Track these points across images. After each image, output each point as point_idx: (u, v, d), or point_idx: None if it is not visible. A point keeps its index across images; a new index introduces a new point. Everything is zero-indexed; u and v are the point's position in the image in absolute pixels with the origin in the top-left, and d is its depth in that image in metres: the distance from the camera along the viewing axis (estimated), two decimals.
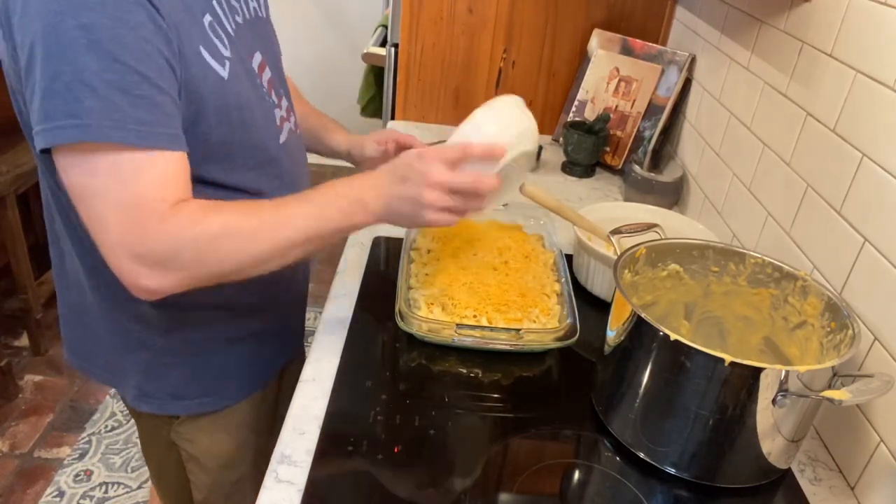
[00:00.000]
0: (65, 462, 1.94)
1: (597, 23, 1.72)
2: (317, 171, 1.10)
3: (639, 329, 0.80)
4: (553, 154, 1.70)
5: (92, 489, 1.87)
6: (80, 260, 0.89)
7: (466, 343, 0.96)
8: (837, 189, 0.92)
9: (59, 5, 0.65)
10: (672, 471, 0.81)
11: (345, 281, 1.13)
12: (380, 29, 2.39)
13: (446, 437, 0.84)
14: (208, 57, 0.77)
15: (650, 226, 1.03)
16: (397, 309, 0.96)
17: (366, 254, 1.21)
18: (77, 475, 1.91)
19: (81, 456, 1.96)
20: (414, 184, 0.81)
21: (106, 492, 1.86)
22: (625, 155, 1.62)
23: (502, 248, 1.14)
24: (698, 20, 1.52)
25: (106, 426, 2.07)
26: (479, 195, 0.83)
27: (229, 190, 0.86)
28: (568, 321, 0.98)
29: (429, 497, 0.77)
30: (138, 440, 1.99)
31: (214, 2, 0.81)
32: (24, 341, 2.34)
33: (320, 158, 1.22)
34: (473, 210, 0.85)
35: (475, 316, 0.98)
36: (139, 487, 1.88)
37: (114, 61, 0.67)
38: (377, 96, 2.40)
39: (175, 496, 1.18)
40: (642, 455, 0.82)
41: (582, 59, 1.75)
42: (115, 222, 0.71)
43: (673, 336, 0.75)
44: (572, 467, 0.84)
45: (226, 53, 0.80)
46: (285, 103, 0.97)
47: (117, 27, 0.67)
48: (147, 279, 0.74)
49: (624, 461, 0.83)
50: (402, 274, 1.04)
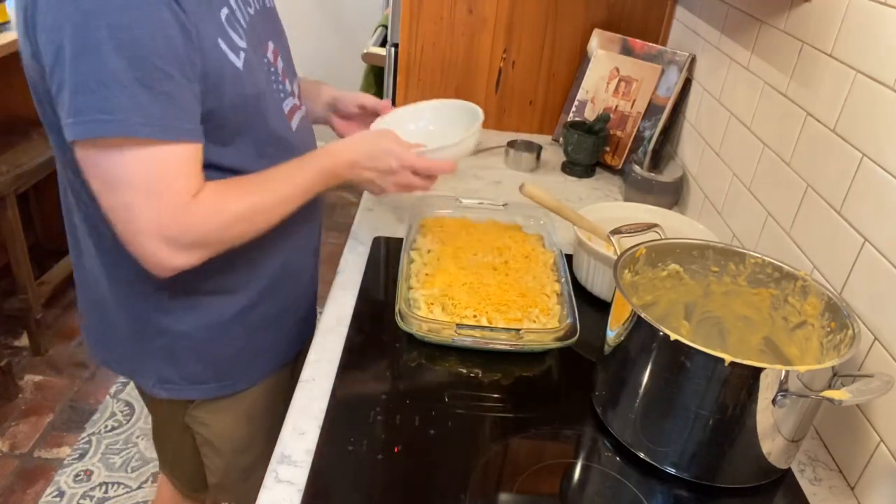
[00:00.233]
0: (65, 462, 1.94)
1: (597, 23, 1.72)
2: None
3: (639, 329, 0.80)
4: (553, 154, 1.70)
5: (92, 489, 1.87)
6: (98, 255, 0.92)
7: (466, 343, 0.96)
8: (837, 189, 0.92)
9: (88, 6, 0.69)
10: (672, 471, 0.81)
11: (345, 281, 1.13)
12: (380, 29, 2.40)
13: (446, 437, 0.84)
14: (226, 48, 0.81)
15: (650, 226, 1.03)
16: (397, 309, 0.96)
17: (366, 254, 1.21)
18: (77, 475, 1.91)
19: (81, 456, 1.96)
20: (391, 160, 0.99)
21: (106, 492, 1.86)
22: (625, 155, 1.62)
23: (502, 248, 1.14)
24: (698, 20, 1.52)
25: (106, 426, 2.07)
26: (434, 178, 1.06)
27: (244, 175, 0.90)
28: (568, 321, 0.98)
29: (429, 497, 0.77)
30: (138, 440, 2.01)
31: None
32: (24, 341, 2.34)
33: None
34: (423, 189, 1.06)
35: (475, 316, 0.98)
36: (139, 487, 1.88)
37: (141, 59, 0.71)
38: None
39: (189, 482, 1.21)
40: (642, 455, 0.82)
41: (582, 59, 1.75)
42: (145, 210, 0.77)
43: (673, 336, 0.75)
44: (572, 467, 0.84)
45: (241, 45, 0.84)
46: (296, 89, 1.02)
47: (144, 27, 0.71)
48: (174, 259, 0.80)
49: (624, 461, 0.83)
50: (402, 274, 1.04)
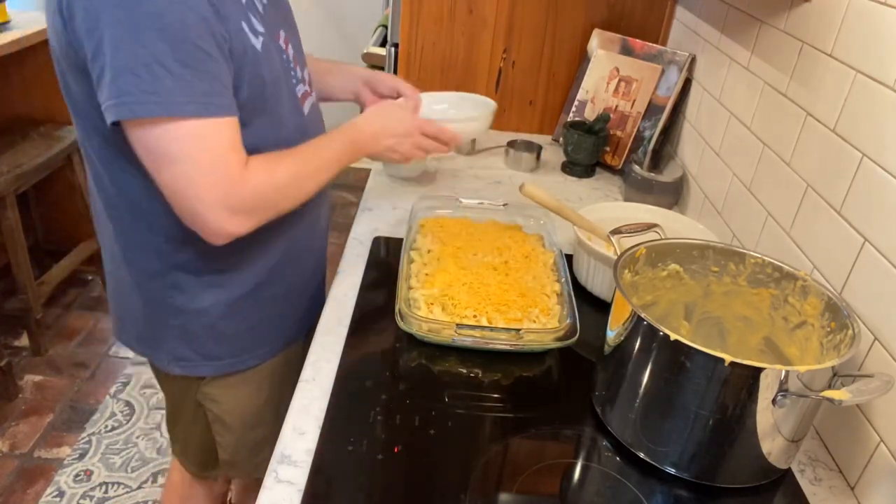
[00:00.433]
0: (65, 462, 1.94)
1: (597, 23, 1.72)
2: None
3: (639, 329, 0.80)
4: (553, 154, 1.70)
5: (92, 489, 1.87)
6: (116, 239, 0.98)
7: (466, 343, 0.96)
8: (837, 189, 0.92)
9: None
10: (672, 471, 0.81)
11: (345, 281, 1.13)
12: (380, 29, 2.40)
13: (446, 437, 0.84)
14: (248, 31, 0.86)
15: (650, 226, 1.03)
16: (397, 309, 0.96)
17: (366, 254, 1.21)
18: (77, 475, 1.91)
19: (81, 456, 1.96)
20: (404, 123, 1.11)
21: (106, 492, 1.86)
22: (625, 155, 1.62)
23: (502, 248, 1.14)
24: (698, 20, 1.52)
25: (106, 426, 2.07)
26: (446, 144, 1.16)
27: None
28: (568, 321, 0.98)
29: (429, 497, 0.77)
30: (138, 440, 2.01)
31: None
32: (24, 341, 2.34)
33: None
34: (438, 151, 1.16)
35: (475, 316, 0.98)
36: (139, 487, 1.88)
37: (182, 42, 0.76)
38: None
39: (200, 461, 1.23)
40: (642, 455, 0.82)
41: (582, 59, 1.75)
42: (203, 185, 0.82)
43: (673, 336, 0.75)
44: (572, 467, 0.84)
45: (260, 29, 0.89)
46: (306, 75, 1.06)
47: (181, 11, 0.76)
48: (233, 227, 0.86)
49: (624, 461, 0.83)
50: (402, 274, 1.04)
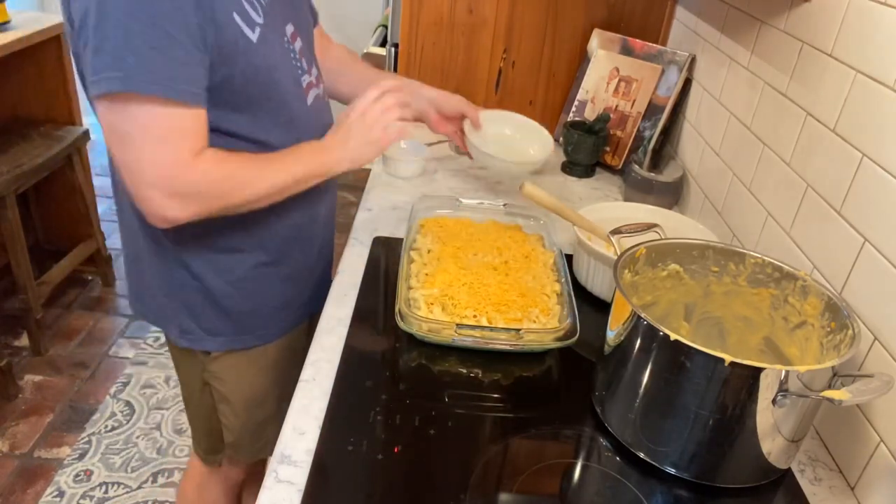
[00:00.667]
0: (65, 462, 1.94)
1: (597, 23, 1.72)
2: None
3: (639, 329, 0.80)
4: (553, 154, 1.70)
5: (92, 489, 1.87)
6: (133, 212, 1.01)
7: (466, 343, 0.96)
8: (837, 189, 0.92)
9: None
10: (672, 471, 0.81)
11: (345, 281, 1.13)
12: (380, 29, 2.40)
13: (446, 437, 0.84)
14: (241, 22, 0.88)
15: (650, 226, 1.03)
16: (397, 309, 0.96)
17: (366, 254, 1.21)
18: (77, 475, 1.91)
19: (81, 456, 1.96)
20: (361, 102, 1.05)
21: (106, 492, 1.86)
22: (625, 155, 1.62)
23: (502, 248, 1.14)
24: (698, 20, 1.52)
25: (106, 426, 2.07)
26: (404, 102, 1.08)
27: (259, 145, 0.97)
28: (568, 321, 0.98)
29: (429, 497, 0.77)
30: (138, 440, 2.01)
31: None
32: (24, 341, 2.34)
33: None
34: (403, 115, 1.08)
35: (475, 316, 0.98)
36: (139, 487, 1.88)
37: (152, 26, 0.79)
38: None
39: (208, 444, 1.29)
40: (642, 455, 0.82)
41: (582, 59, 1.75)
42: (150, 161, 0.85)
43: (673, 336, 0.75)
44: (572, 467, 0.84)
45: (258, 20, 0.91)
46: (315, 71, 1.09)
47: None
48: (172, 210, 0.88)
49: (624, 461, 0.83)
50: (402, 274, 1.04)
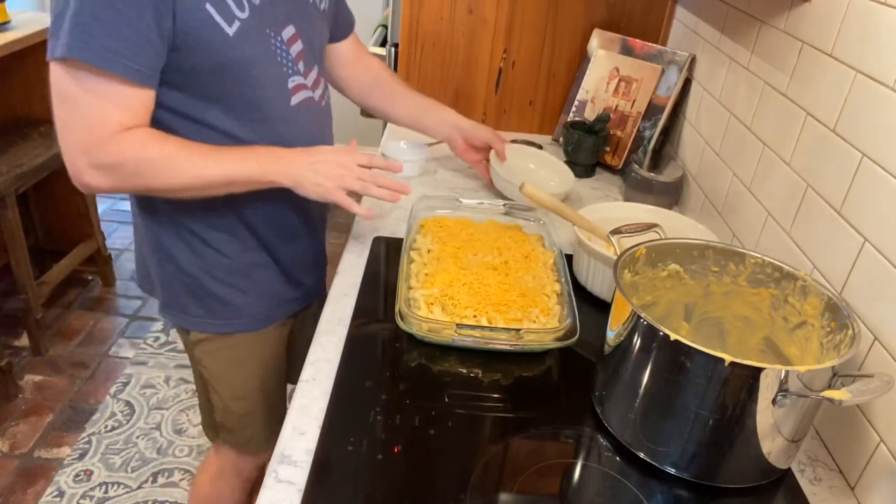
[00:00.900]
0: (65, 462, 1.94)
1: (597, 23, 1.72)
2: None
3: (639, 329, 0.80)
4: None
5: (92, 489, 1.87)
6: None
7: (466, 343, 0.96)
8: (837, 189, 0.92)
9: None
10: (672, 471, 0.81)
11: (345, 281, 1.13)
12: (380, 29, 2.40)
13: (446, 437, 0.84)
14: (215, 13, 0.89)
15: (650, 226, 1.03)
16: (397, 309, 0.96)
17: (366, 254, 1.21)
18: (77, 475, 1.91)
19: (81, 456, 1.96)
20: (340, 154, 1.04)
21: (106, 492, 1.86)
22: (625, 155, 1.62)
23: (502, 248, 1.14)
24: (698, 20, 1.52)
25: (106, 426, 2.07)
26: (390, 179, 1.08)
27: (229, 137, 0.98)
28: (568, 321, 0.98)
29: (429, 497, 0.77)
30: (138, 440, 2.01)
31: None
32: (24, 341, 2.34)
33: None
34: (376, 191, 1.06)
35: (475, 316, 0.98)
36: (139, 487, 1.88)
37: (107, 1, 0.82)
38: None
39: (208, 425, 1.32)
40: (642, 455, 0.82)
41: (582, 59, 1.75)
42: (76, 128, 0.89)
43: (673, 336, 0.75)
44: (572, 467, 0.84)
45: (240, 15, 0.92)
46: (314, 75, 1.09)
47: None
48: (89, 177, 0.91)
49: (624, 461, 0.83)
50: (402, 274, 1.04)
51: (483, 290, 1.02)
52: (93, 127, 0.88)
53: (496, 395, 0.92)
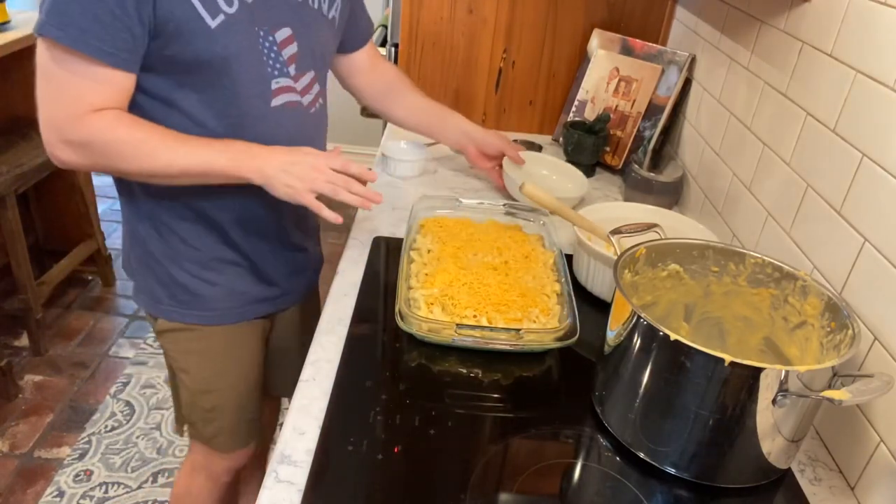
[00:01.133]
0: (65, 462, 1.94)
1: (597, 23, 1.72)
2: None
3: (639, 329, 0.80)
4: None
5: (92, 489, 1.87)
6: (119, 180, 1.08)
7: (466, 343, 0.96)
8: (837, 189, 0.92)
9: None
10: (672, 471, 0.81)
11: (344, 281, 1.13)
12: (380, 29, 2.40)
13: (446, 437, 0.84)
14: (198, 5, 0.90)
15: (650, 226, 1.03)
16: (397, 309, 0.96)
17: (366, 254, 1.21)
18: (77, 475, 1.91)
19: (81, 456, 1.97)
20: (315, 155, 1.00)
21: (106, 492, 1.86)
22: (625, 155, 1.62)
23: (502, 248, 1.14)
24: (698, 20, 1.52)
25: (106, 426, 2.07)
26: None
27: (204, 129, 0.98)
28: (568, 321, 0.98)
29: (429, 497, 0.77)
30: (138, 440, 2.01)
31: None
32: (24, 341, 2.34)
33: None
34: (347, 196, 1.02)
35: (475, 316, 0.98)
36: (139, 487, 1.88)
37: None
38: None
39: (177, 412, 1.30)
40: (642, 455, 0.82)
41: (582, 59, 1.75)
42: (51, 103, 0.92)
43: (673, 336, 0.75)
44: (572, 467, 0.84)
45: (226, 10, 0.93)
46: (307, 80, 1.07)
47: None
48: (60, 152, 0.94)
49: (624, 461, 0.83)
50: (402, 274, 1.04)
51: (483, 290, 1.02)
52: (65, 104, 0.91)
53: (496, 395, 0.92)
